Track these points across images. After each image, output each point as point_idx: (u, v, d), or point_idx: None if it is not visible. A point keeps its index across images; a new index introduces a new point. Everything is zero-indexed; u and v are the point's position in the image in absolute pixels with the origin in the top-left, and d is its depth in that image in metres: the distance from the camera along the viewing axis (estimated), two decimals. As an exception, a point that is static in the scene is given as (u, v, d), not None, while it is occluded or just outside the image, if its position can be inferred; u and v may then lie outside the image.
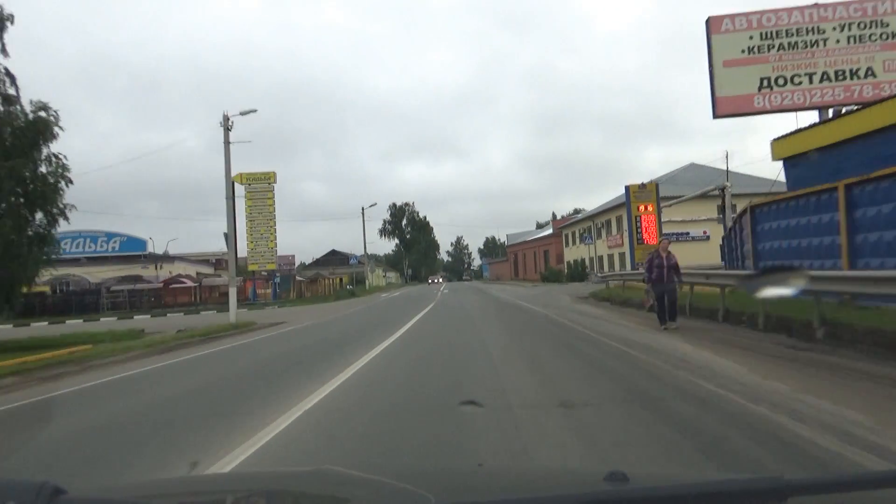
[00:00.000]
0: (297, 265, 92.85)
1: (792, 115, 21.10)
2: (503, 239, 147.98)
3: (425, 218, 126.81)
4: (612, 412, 5.84)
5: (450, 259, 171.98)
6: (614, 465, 2.23)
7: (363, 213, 59.84)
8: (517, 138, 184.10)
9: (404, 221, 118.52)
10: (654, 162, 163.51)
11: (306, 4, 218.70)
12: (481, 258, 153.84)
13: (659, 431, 5.06)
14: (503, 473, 2.55)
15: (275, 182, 50.06)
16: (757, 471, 3.90)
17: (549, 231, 74.95)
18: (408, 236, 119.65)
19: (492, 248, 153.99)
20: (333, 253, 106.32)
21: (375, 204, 60.03)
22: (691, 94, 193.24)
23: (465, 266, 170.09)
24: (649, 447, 4.64)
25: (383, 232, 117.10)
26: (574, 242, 65.23)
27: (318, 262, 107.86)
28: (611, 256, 53.47)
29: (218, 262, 76.71)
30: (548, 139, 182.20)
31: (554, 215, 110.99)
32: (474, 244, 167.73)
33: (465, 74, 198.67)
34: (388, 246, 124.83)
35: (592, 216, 58.23)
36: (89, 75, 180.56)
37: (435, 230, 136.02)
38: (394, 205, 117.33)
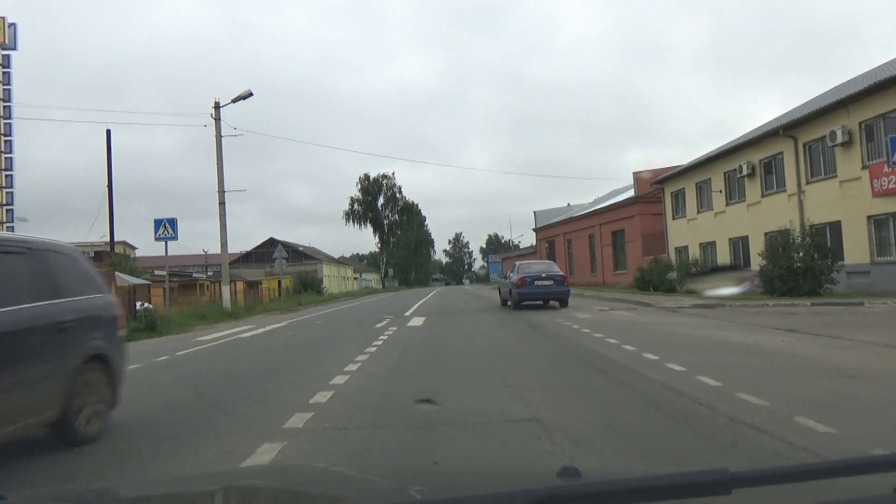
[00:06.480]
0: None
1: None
2: (508, 237, 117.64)
3: (416, 205, 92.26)
4: None
5: (448, 259, 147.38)
6: None
7: (217, 111, 24.99)
8: (495, 141, 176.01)
9: (381, 200, 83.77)
10: (635, 164, 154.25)
11: (268, 10, 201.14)
12: (485, 258, 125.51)
13: None
14: (457, 471, 2.45)
15: (10, 46, 14.87)
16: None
17: (630, 194, 40.18)
18: (386, 221, 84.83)
19: (496, 247, 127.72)
20: (272, 243, 72.11)
21: (251, 94, 26.94)
22: (667, 97, 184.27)
23: (466, 267, 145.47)
24: None
25: (351, 216, 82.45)
26: (703, 204, 30.69)
27: (248, 257, 73.47)
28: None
29: (98, 255, 45.07)
30: (525, 142, 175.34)
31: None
32: (474, 245, 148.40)
33: (436, 78, 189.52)
34: (367, 239, 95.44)
35: (793, 126, 23.44)
36: (44, 74, 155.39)
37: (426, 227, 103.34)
38: (366, 177, 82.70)
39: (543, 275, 20.36)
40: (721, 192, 28.82)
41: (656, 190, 35.98)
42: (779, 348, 8.46)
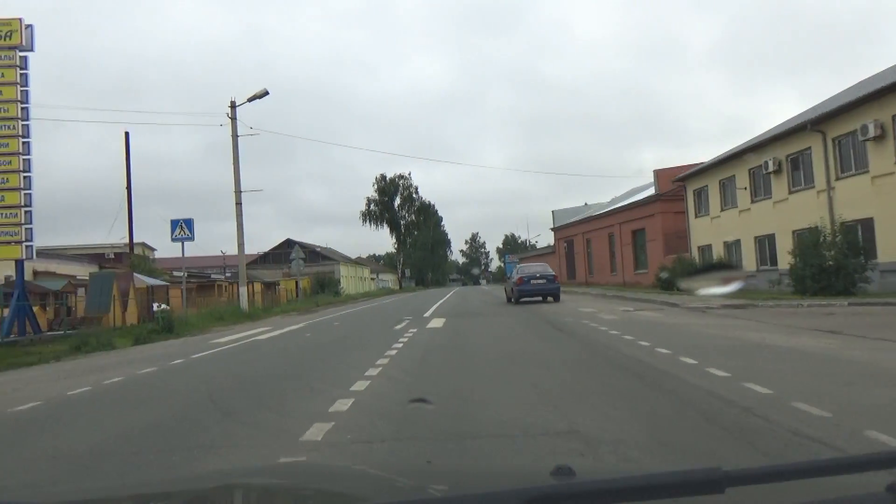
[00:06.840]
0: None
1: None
2: (524, 236, 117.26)
3: (432, 205, 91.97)
4: None
5: (465, 259, 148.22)
6: None
7: (233, 110, 24.80)
8: (511, 141, 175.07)
9: (397, 200, 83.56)
10: (651, 163, 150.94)
11: (283, 12, 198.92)
12: (502, 258, 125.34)
13: None
14: (450, 471, 2.42)
15: (27, 47, 14.44)
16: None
17: (650, 192, 39.57)
18: (402, 221, 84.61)
19: (512, 247, 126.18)
20: (289, 244, 72.00)
21: (267, 93, 27.08)
22: (681, 96, 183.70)
23: (483, 267, 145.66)
24: None
25: (367, 216, 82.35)
26: (727, 202, 30.01)
27: (265, 259, 73.52)
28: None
29: (118, 257, 45.33)
30: (540, 142, 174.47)
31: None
32: (490, 245, 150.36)
33: (450, 78, 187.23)
34: (384, 239, 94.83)
35: (822, 120, 22.72)
36: (62, 76, 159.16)
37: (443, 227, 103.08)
38: (382, 177, 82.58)
39: (538, 275, 23.99)
40: (746, 189, 28.12)
41: (678, 188, 35.31)
42: (824, 352, 7.96)
